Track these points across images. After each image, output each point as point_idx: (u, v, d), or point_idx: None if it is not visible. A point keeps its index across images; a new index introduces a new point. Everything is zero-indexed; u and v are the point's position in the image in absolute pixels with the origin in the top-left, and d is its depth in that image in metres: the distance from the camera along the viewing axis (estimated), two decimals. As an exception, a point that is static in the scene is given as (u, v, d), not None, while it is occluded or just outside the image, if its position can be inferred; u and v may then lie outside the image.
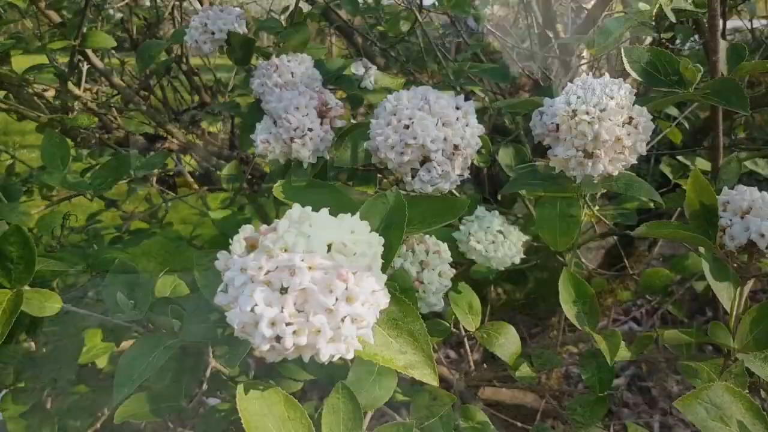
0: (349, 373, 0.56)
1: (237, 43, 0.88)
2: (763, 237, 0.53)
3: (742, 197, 0.56)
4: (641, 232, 0.60)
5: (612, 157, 0.67)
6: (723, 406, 0.45)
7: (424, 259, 0.65)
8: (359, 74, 0.88)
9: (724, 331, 0.56)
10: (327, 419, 0.50)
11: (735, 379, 0.57)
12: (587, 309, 0.78)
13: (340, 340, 0.42)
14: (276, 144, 0.67)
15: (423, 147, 0.60)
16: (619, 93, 0.66)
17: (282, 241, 0.43)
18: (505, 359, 0.77)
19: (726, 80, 0.70)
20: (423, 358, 0.46)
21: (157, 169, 1.13)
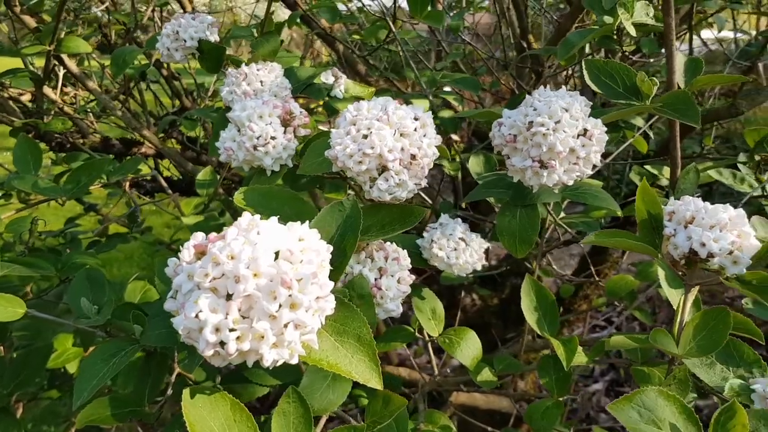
0: (303, 378, 0.57)
1: (208, 50, 0.89)
2: (703, 246, 0.55)
3: (686, 207, 0.58)
4: (589, 241, 0.61)
5: (567, 167, 0.68)
6: (656, 409, 0.47)
7: (383, 266, 0.66)
8: (329, 83, 0.89)
9: (666, 338, 0.58)
10: (277, 423, 0.51)
11: (678, 384, 0.59)
12: (548, 315, 0.79)
13: (284, 345, 0.43)
14: (239, 151, 0.68)
15: (380, 156, 0.61)
16: (574, 105, 0.68)
17: (228, 249, 0.44)
18: (466, 364, 0.78)
19: (679, 93, 0.72)
20: (368, 363, 0.47)
21: (132, 174, 1.13)
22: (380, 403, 0.60)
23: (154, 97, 1.73)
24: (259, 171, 0.71)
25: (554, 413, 0.73)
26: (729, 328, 0.57)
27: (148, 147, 1.35)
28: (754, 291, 0.54)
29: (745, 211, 0.59)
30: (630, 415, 0.46)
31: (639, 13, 0.85)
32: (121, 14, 1.48)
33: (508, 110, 0.71)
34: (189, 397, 0.45)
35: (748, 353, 0.63)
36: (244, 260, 0.43)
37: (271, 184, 0.70)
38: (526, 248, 0.75)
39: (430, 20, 1.07)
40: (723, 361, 0.63)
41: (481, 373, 0.80)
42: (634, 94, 0.76)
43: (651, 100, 0.74)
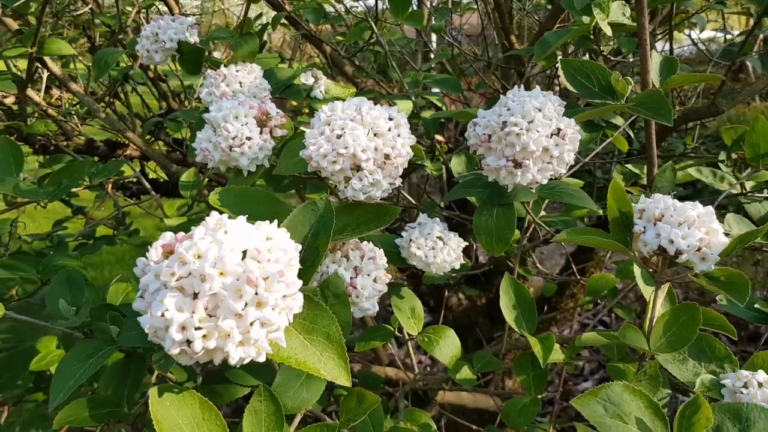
0: (276, 377, 0.57)
1: (187, 52, 0.89)
2: (672, 243, 0.56)
3: (655, 205, 0.59)
4: (560, 239, 0.62)
5: (541, 166, 0.69)
6: (621, 404, 0.48)
7: (359, 265, 0.66)
8: (309, 84, 0.90)
9: (636, 334, 0.58)
10: (248, 421, 0.51)
11: (649, 380, 0.60)
12: (526, 313, 0.80)
13: (250, 343, 0.43)
14: (215, 152, 0.68)
15: (354, 156, 0.62)
16: (547, 105, 0.68)
17: (195, 248, 0.44)
18: (444, 362, 0.79)
19: (652, 92, 0.73)
20: (337, 360, 0.48)
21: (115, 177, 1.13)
22: (354, 401, 0.60)
23: (141, 99, 1.73)
24: (236, 171, 0.72)
25: (531, 410, 0.73)
26: (698, 324, 0.58)
27: (133, 149, 1.35)
28: (722, 287, 0.55)
29: (728, 210, 0.60)
30: (595, 410, 0.46)
31: (615, 13, 0.86)
32: (106, 16, 1.48)
33: (483, 110, 0.72)
34: (157, 396, 0.45)
35: (720, 349, 0.64)
36: (210, 259, 0.43)
37: (248, 184, 0.70)
38: (503, 247, 0.75)
39: (411, 21, 1.08)
40: (695, 356, 0.64)
41: (460, 371, 0.80)
42: (609, 94, 0.77)
43: (626, 99, 0.75)
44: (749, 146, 0.85)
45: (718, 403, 0.50)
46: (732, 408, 0.49)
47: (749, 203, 1.02)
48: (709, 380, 0.61)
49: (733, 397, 0.58)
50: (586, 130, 1.06)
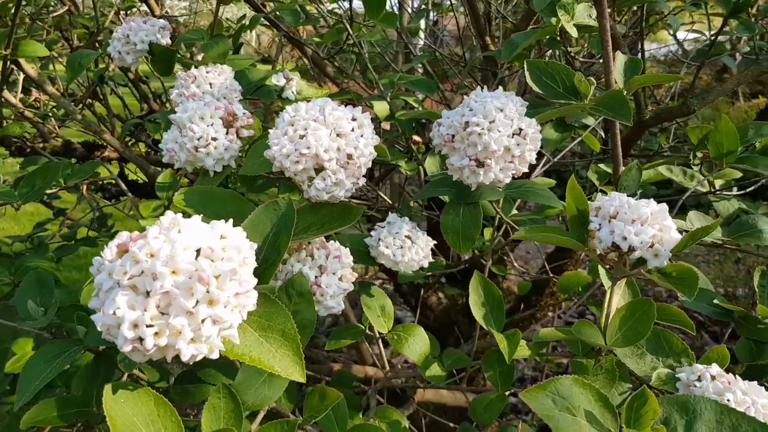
0: (237, 374, 0.58)
1: (159, 53, 0.90)
2: (625, 240, 0.57)
3: (611, 203, 0.60)
4: (520, 236, 0.63)
5: (503, 165, 0.70)
6: (571, 397, 0.49)
7: (324, 264, 0.67)
8: (280, 85, 0.91)
9: (592, 329, 0.59)
10: (207, 418, 0.52)
11: (605, 374, 0.61)
12: (494, 310, 0.81)
13: (201, 340, 0.44)
14: (181, 153, 0.69)
15: (316, 156, 0.62)
16: (508, 105, 0.69)
17: (148, 247, 0.45)
18: (413, 359, 0.80)
19: (613, 93, 0.74)
20: (292, 357, 0.48)
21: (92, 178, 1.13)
22: (317, 398, 0.61)
23: (121, 101, 1.73)
24: (203, 172, 0.72)
25: (497, 406, 0.74)
26: (653, 319, 0.59)
27: (111, 151, 1.35)
28: (673, 283, 0.56)
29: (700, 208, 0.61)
30: (544, 403, 0.47)
31: (581, 15, 0.87)
32: (84, 18, 1.48)
33: (447, 111, 0.73)
34: (111, 393, 0.46)
35: (677, 343, 0.65)
36: (162, 258, 0.44)
37: (215, 184, 0.71)
38: (469, 245, 0.76)
39: (385, 23, 1.09)
40: (653, 351, 0.65)
41: (429, 368, 0.81)
42: (573, 94, 0.78)
43: (589, 99, 0.76)
44: (713, 145, 0.87)
45: (666, 395, 0.51)
46: (680, 400, 0.51)
47: (718, 201, 1.04)
48: (666, 374, 0.62)
49: (687, 390, 0.60)
50: (557, 131, 1.07)
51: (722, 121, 0.86)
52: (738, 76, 1.15)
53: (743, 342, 0.71)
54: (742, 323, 0.72)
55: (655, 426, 0.48)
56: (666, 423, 0.50)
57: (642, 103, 1.17)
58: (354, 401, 0.84)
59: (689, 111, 1.17)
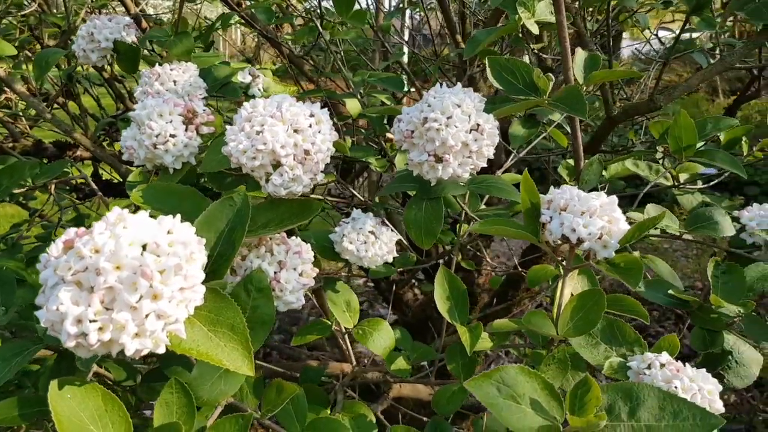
0: (193, 370, 0.58)
1: (124, 51, 0.89)
2: (574, 232, 0.58)
3: (561, 195, 0.61)
4: (474, 229, 0.64)
5: (461, 161, 0.71)
6: (516, 385, 0.50)
7: (283, 260, 0.68)
8: (245, 82, 0.91)
9: (542, 319, 0.61)
10: (159, 413, 0.52)
11: (557, 364, 0.62)
12: (459, 304, 0.82)
13: (146, 335, 0.44)
14: (140, 150, 0.69)
15: (273, 152, 0.63)
16: (466, 101, 0.70)
17: (92, 243, 0.45)
18: (378, 354, 0.80)
19: (571, 88, 0.76)
20: (241, 351, 0.49)
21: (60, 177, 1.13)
22: (274, 392, 0.62)
23: (96, 100, 1.72)
24: (164, 169, 0.72)
25: (459, 398, 0.75)
26: (603, 308, 0.60)
27: (84, 150, 1.34)
28: (620, 273, 0.57)
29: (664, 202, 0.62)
30: (488, 391, 0.48)
31: (543, 12, 0.88)
32: (56, 17, 1.47)
33: (407, 107, 0.74)
34: (56, 389, 0.46)
35: (630, 333, 0.66)
36: (106, 253, 0.44)
37: (174, 181, 0.71)
38: (431, 239, 0.77)
39: (355, 20, 1.09)
40: (607, 341, 0.67)
41: (395, 362, 0.82)
42: (533, 90, 0.80)
43: (548, 95, 0.78)
44: (673, 139, 0.89)
45: (611, 383, 0.52)
46: (624, 387, 0.52)
47: (682, 195, 1.06)
48: (617, 363, 0.63)
49: (637, 377, 0.61)
50: (525, 126, 1.09)
51: (681, 116, 0.87)
52: (702, 72, 1.17)
53: (697, 331, 0.73)
54: (696, 313, 0.74)
55: (598, 413, 0.49)
56: (610, 410, 0.51)
57: (609, 99, 1.19)
58: (321, 397, 0.85)
59: (656, 107, 1.19)
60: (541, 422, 0.49)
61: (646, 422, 0.50)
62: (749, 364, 0.77)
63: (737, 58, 1.14)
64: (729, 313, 0.71)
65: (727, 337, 0.76)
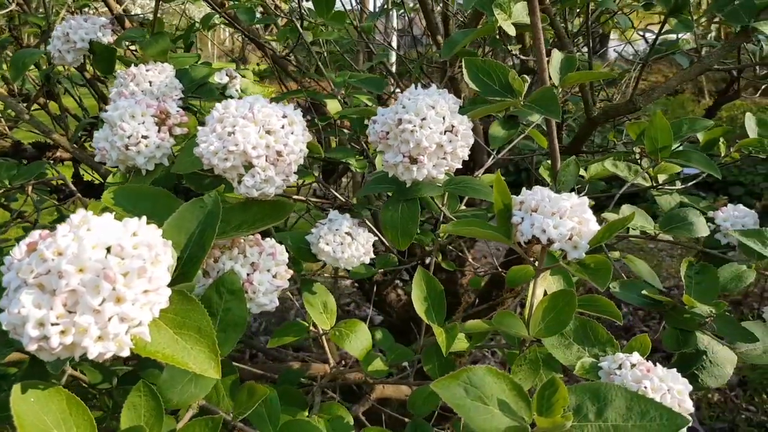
0: (163, 373, 0.58)
1: (99, 52, 0.89)
2: (544, 232, 0.59)
3: (532, 197, 0.62)
4: (446, 230, 0.64)
5: (435, 162, 0.71)
6: (483, 386, 0.50)
7: (256, 261, 0.67)
8: (222, 82, 0.90)
9: (513, 320, 0.61)
10: (126, 416, 0.52)
11: (529, 365, 0.62)
12: (436, 305, 0.82)
13: (109, 338, 0.44)
14: (112, 151, 0.69)
15: (245, 153, 0.63)
16: (440, 103, 0.71)
17: (55, 245, 0.45)
18: (355, 355, 0.80)
19: (545, 90, 0.76)
20: (208, 353, 0.49)
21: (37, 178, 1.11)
22: (246, 394, 0.62)
23: (78, 100, 1.70)
24: (137, 170, 0.72)
25: (435, 399, 0.75)
26: (574, 309, 0.60)
27: (63, 151, 1.33)
28: (589, 274, 0.58)
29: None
30: (455, 393, 0.48)
31: (519, 14, 0.88)
32: (36, 17, 1.45)
33: (382, 108, 0.74)
34: (20, 392, 0.45)
35: (602, 333, 0.67)
36: (69, 256, 0.44)
37: (147, 183, 0.70)
38: (408, 240, 0.77)
39: (334, 21, 1.09)
40: (580, 341, 0.67)
41: (372, 363, 0.82)
42: (509, 92, 0.80)
43: (523, 96, 0.78)
44: (649, 140, 0.89)
45: (579, 383, 0.53)
46: (592, 388, 0.52)
47: (660, 195, 1.07)
48: (589, 363, 0.64)
49: (608, 378, 0.61)
50: (505, 127, 1.09)
51: (656, 117, 0.88)
52: (681, 74, 1.18)
53: (670, 331, 0.74)
54: (670, 313, 0.75)
55: (565, 413, 0.49)
56: (578, 410, 0.51)
57: (589, 100, 1.20)
58: (299, 399, 0.85)
59: (635, 108, 1.20)
60: (508, 423, 0.49)
61: (613, 422, 0.50)
62: (723, 364, 0.78)
63: (715, 60, 1.15)
64: (702, 313, 0.71)
65: (702, 337, 0.77)
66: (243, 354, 2.34)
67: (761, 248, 0.71)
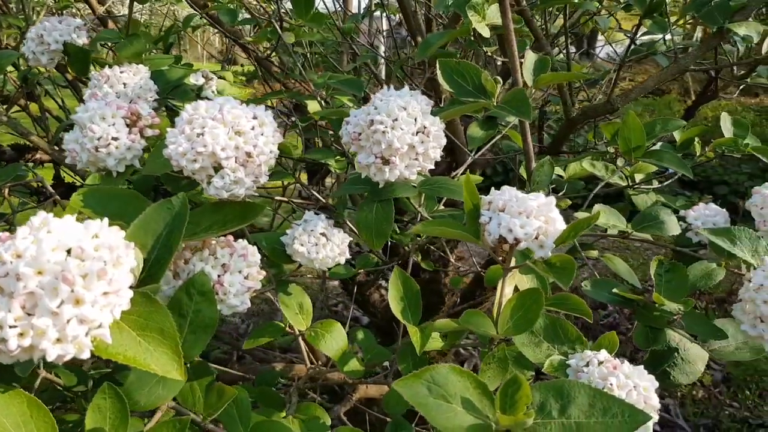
0: (129, 375, 0.58)
1: (74, 54, 0.88)
2: (510, 232, 0.59)
3: (500, 197, 0.62)
4: (416, 230, 0.65)
5: (408, 163, 0.72)
6: (447, 384, 0.50)
7: (227, 263, 0.67)
8: (198, 84, 0.90)
9: (481, 319, 0.61)
10: (91, 419, 0.52)
11: (497, 363, 0.63)
12: (412, 305, 0.82)
13: (68, 340, 0.44)
14: (82, 153, 0.68)
15: (214, 155, 0.63)
16: (411, 104, 0.71)
17: (14, 248, 0.44)
18: (331, 356, 0.80)
19: (516, 91, 0.77)
20: (171, 355, 0.49)
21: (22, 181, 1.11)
22: (215, 396, 0.62)
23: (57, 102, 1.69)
24: (108, 172, 0.72)
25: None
26: (542, 307, 0.61)
27: (43, 153, 1.32)
28: (555, 273, 0.58)
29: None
30: (418, 391, 0.49)
31: (494, 16, 0.89)
32: (16, 18, 1.44)
33: (355, 110, 0.74)
34: (-22, 397, 0.45)
35: (572, 331, 0.67)
36: (27, 258, 0.44)
37: (118, 185, 0.70)
38: (382, 241, 0.77)
39: (313, 22, 1.10)
40: (550, 339, 0.68)
41: (348, 363, 0.82)
42: (482, 93, 0.81)
43: (496, 97, 0.79)
44: (622, 140, 0.90)
45: (543, 381, 0.53)
46: (556, 386, 0.53)
47: (636, 195, 1.08)
48: (558, 361, 0.64)
49: (576, 375, 0.62)
50: (483, 128, 1.10)
51: (629, 117, 0.89)
52: (658, 75, 1.19)
53: (640, 329, 0.74)
54: (640, 311, 0.76)
55: (528, 410, 0.50)
56: (542, 407, 0.52)
57: (568, 101, 1.21)
58: (276, 399, 0.85)
59: (613, 108, 1.21)
60: (472, 421, 0.50)
61: (576, 419, 0.51)
62: (695, 360, 0.79)
63: (691, 61, 1.17)
64: (671, 311, 0.72)
65: (673, 334, 0.77)
66: (230, 356, 2.33)
67: (730, 246, 0.72)
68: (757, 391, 2.19)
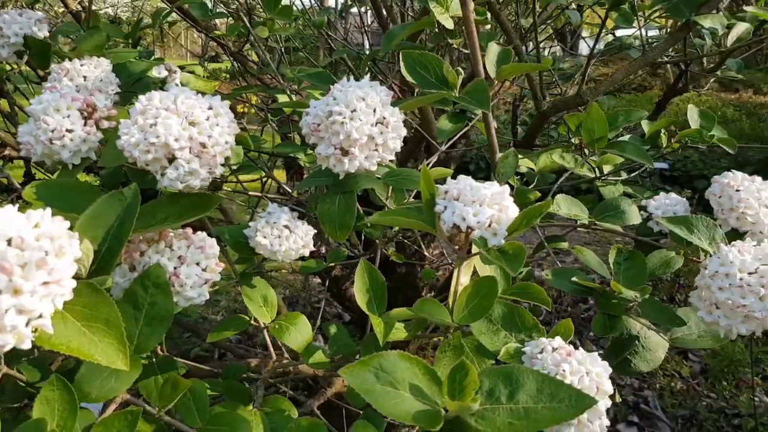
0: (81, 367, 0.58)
1: (35, 47, 0.87)
2: (464, 220, 0.60)
3: (455, 186, 0.62)
4: (373, 220, 0.65)
5: (367, 154, 0.72)
6: (395, 371, 0.50)
7: (183, 255, 0.67)
8: (160, 77, 0.90)
9: (435, 307, 0.62)
10: (39, 411, 0.52)
11: (453, 351, 0.63)
12: (377, 296, 0.83)
13: (6, 331, 0.44)
14: (37, 145, 0.68)
15: (167, 146, 0.62)
16: (370, 95, 0.71)
17: (-49, 238, 0.44)
18: (295, 348, 0.80)
19: (477, 83, 0.77)
20: (117, 345, 0.48)
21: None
22: (169, 387, 0.61)
23: (27, 98, 1.67)
24: (64, 165, 0.71)
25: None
26: (495, 295, 0.62)
27: (12, 149, 1.31)
28: (506, 260, 0.59)
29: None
30: (365, 378, 0.49)
31: (458, 7, 0.89)
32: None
33: (314, 101, 0.74)
34: None
35: (529, 319, 0.68)
36: (-37, 248, 0.43)
37: (73, 177, 0.70)
38: (345, 232, 0.77)
39: (281, 16, 1.09)
40: (508, 327, 0.68)
41: (313, 356, 0.82)
42: (445, 84, 0.81)
43: (457, 89, 0.79)
44: (586, 131, 0.91)
45: (492, 367, 0.54)
46: (504, 371, 0.53)
47: (603, 186, 1.09)
48: (514, 348, 0.65)
49: (530, 362, 0.63)
50: (452, 121, 1.10)
51: (593, 108, 0.90)
52: (627, 68, 1.20)
53: (599, 316, 0.75)
54: (600, 299, 0.76)
55: (475, 396, 0.50)
56: (491, 393, 0.52)
57: (538, 94, 1.22)
58: (243, 393, 0.84)
59: (583, 101, 1.22)
60: (419, 407, 0.50)
61: (524, 404, 0.51)
62: (655, 348, 0.80)
63: (659, 53, 1.18)
64: (628, 298, 0.73)
65: (634, 323, 0.79)
66: (212, 353, 2.32)
67: (687, 235, 0.73)
68: (734, 381, 2.23)
